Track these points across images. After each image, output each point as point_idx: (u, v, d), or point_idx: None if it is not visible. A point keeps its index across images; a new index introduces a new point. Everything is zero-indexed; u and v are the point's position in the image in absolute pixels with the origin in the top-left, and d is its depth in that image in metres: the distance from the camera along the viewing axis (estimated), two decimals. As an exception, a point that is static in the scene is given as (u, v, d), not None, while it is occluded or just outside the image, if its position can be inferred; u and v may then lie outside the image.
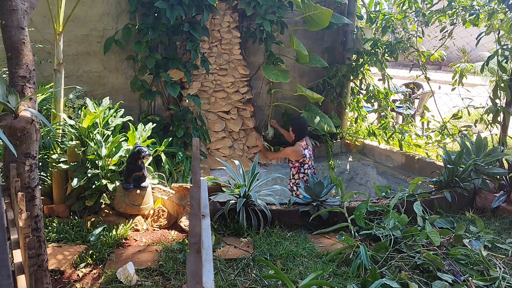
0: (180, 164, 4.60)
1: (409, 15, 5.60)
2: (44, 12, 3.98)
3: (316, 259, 2.98)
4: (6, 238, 1.08)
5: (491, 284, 2.62)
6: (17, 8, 2.06)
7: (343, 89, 5.84)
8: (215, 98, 5.28)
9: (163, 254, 3.01)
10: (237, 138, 5.38)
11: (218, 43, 5.16)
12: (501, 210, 3.74)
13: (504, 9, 4.47)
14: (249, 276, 2.76)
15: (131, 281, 2.65)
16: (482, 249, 2.89)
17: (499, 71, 4.21)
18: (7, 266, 1.06)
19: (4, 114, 1.99)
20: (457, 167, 3.89)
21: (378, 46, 5.55)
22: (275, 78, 5.01)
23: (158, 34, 4.54)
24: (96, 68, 4.77)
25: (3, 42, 2.09)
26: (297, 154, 4.45)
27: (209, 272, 0.90)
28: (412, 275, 2.68)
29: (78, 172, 3.50)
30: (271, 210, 3.49)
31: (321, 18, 4.97)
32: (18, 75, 2.08)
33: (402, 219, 3.26)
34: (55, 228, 3.30)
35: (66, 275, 2.78)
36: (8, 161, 2.05)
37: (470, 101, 4.91)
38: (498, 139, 4.38)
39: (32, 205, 2.09)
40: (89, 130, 3.61)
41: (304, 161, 4.49)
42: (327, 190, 3.64)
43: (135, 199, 3.53)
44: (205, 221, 1.13)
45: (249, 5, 4.81)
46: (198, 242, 0.80)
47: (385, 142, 5.78)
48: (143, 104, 5.04)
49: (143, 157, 3.47)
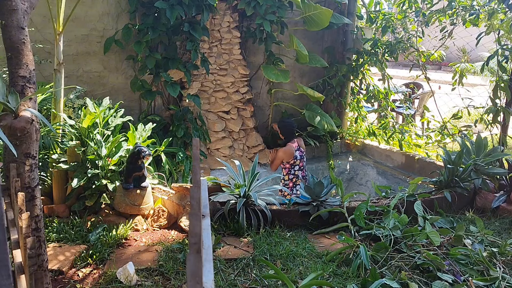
0: (180, 164, 4.60)
1: (409, 15, 5.60)
2: (44, 12, 3.98)
3: (316, 259, 2.98)
4: (6, 238, 1.08)
5: (491, 284, 2.62)
6: (17, 8, 2.06)
7: (343, 89, 5.84)
8: (215, 98, 5.28)
9: (163, 254, 3.01)
10: (237, 138, 5.38)
11: (218, 43, 5.16)
12: (501, 210, 3.74)
13: (504, 9, 4.47)
14: (249, 276, 2.76)
15: (131, 281, 2.65)
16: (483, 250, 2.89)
17: (499, 71, 4.21)
18: (7, 266, 1.06)
19: (4, 114, 1.99)
20: (457, 167, 3.89)
21: (378, 46, 5.55)
22: (275, 78, 5.01)
23: (158, 34, 4.54)
24: (96, 68, 4.77)
25: (3, 42, 2.09)
26: (289, 154, 4.43)
27: (209, 272, 0.90)
28: (412, 275, 2.68)
29: (78, 172, 3.50)
30: (271, 210, 3.49)
31: (321, 18, 4.98)
32: (18, 75, 2.08)
33: (402, 219, 3.26)
34: (55, 228, 3.30)
35: (66, 275, 2.78)
36: (8, 161, 2.04)
37: (470, 101, 4.91)
38: (498, 139, 4.38)
39: (32, 205, 2.09)
40: (89, 130, 3.61)
41: (295, 163, 4.47)
42: (327, 190, 3.64)
43: (135, 199, 3.53)
44: (205, 221, 1.13)
45: (249, 5, 4.81)
46: (198, 242, 0.80)
47: (385, 142, 5.78)
48: (143, 104, 5.04)
49: (143, 157, 3.47)
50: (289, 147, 4.44)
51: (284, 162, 4.51)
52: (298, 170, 4.50)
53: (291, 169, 4.49)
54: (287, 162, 4.48)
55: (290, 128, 4.53)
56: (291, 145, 4.45)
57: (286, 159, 4.46)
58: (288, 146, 4.46)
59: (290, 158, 4.44)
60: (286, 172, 4.53)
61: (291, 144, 4.46)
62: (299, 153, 4.48)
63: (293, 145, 4.45)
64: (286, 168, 4.52)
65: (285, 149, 4.46)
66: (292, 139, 4.50)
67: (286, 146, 4.48)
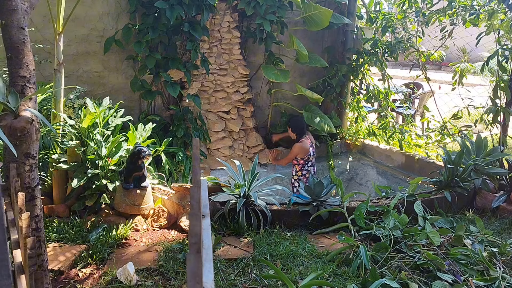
0: (180, 164, 4.60)
1: (409, 15, 5.60)
2: (44, 12, 3.98)
3: (316, 259, 2.98)
4: (6, 238, 1.08)
5: (491, 284, 2.62)
6: (17, 8, 2.06)
7: (343, 89, 5.84)
8: (215, 98, 5.28)
9: (163, 254, 3.01)
10: (237, 138, 5.38)
11: (218, 43, 5.16)
12: (501, 210, 3.74)
13: (504, 9, 4.47)
14: (249, 276, 2.76)
15: (131, 281, 2.65)
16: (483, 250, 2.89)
17: (499, 71, 4.21)
18: (7, 266, 1.06)
19: (4, 114, 1.99)
20: (457, 167, 3.89)
21: (378, 46, 5.55)
22: (275, 78, 5.01)
23: (158, 34, 4.54)
24: (96, 68, 4.77)
25: (3, 42, 2.09)
26: (305, 150, 4.49)
27: (209, 272, 0.90)
28: (412, 275, 2.68)
29: (78, 172, 3.51)
30: (271, 210, 3.49)
31: (321, 18, 4.97)
32: (18, 75, 2.08)
33: (402, 219, 3.26)
34: (55, 228, 3.30)
35: (66, 275, 2.78)
36: (8, 161, 2.04)
37: (470, 101, 4.91)
38: (498, 139, 4.38)
39: (32, 205, 2.09)
40: (89, 130, 3.61)
41: (309, 159, 4.53)
42: (327, 190, 3.64)
43: (135, 199, 3.53)
44: (205, 221, 1.13)
45: (249, 5, 4.81)
46: (198, 242, 0.80)
47: (385, 142, 5.78)
48: (143, 104, 5.04)
49: (143, 157, 3.47)
50: (305, 143, 4.49)
51: (298, 158, 4.54)
52: (311, 166, 4.55)
53: (305, 165, 4.54)
54: (302, 158, 4.51)
55: (301, 124, 4.60)
56: (306, 141, 4.49)
57: (301, 155, 4.50)
58: (303, 142, 4.51)
59: (305, 154, 4.49)
60: (299, 168, 4.57)
61: (305, 140, 4.50)
62: (312, 149, 4.54)
63: (307, 141, 4.49)
64: (300, 164, 4.56)
65: (301, 145, 4.50)
66: (304, 135, 4.55)
67: (300, 142, 4.52)
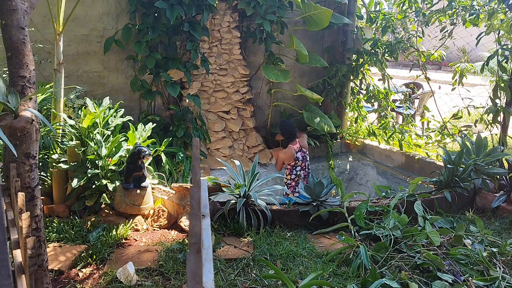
0: (180, 164, 4.60)
1: (409, 15, 5.60)
2: (44, 12, 3.98)
3: (316, 259, 2.98)
4: (6, 238, 1.08)
5: (491, 284, 2.62)
6: (17, 8, 2.06)
7: (343, 89, 5.84)
8: (215, 98, 5.28)
9: (163, 254, 3.01)
10: (237, 138, 5.38)
11: (218, 43, 5.16)
12: (501, 210, 3.74)
13: (504, 9, 4.47)
14: (249, 276, 2.76)
15: (131, 281, 2.65)
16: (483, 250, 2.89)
17: (499, 71, 4.21)
18: (7, 266, 1.06)
19: (4, 114, 1.99)
20: (457, 167, 3.89)
21: (378, 46, 5.55)
22: (275, 78, 5.01)
23: (158, 34, 4.54)
24: (96, 68, 4.77)
25: (3, 42, 2.09)
26: (289, 156, 4.41)
27: (209, 272, 0.90)
28: (412, 275, 2.68)
29: (78, 172, 3.50)
30: (271, 210, 3.49)
31: (321, 18, 4.97)
32: (18, 75, 2.08)
33: (402, 219, 3.26)
34: (55, 228, 3.30)
35: (66, 275, 2.78)
36: (8, 161, 2.04)
37: (470, 101, 4.91)
38: (498, 139, 4.38)
39: (32, 205, 2.09)
40: (89, 130, 3.61)
41: (296, 164, 4.45)
42: (327, 190, 3.64)
43: (135, 199, 3.53)
44: (205, 221, 1.13)
45: (249, 5, 4.81)
46: (198, 242, 0.80)
47: (385, 142, 5.78)
48: (143, 104, 5.04)
49: (143, 157, 3.47)
50: (289, 149, 4.42)
51: (285, 163, 4.50)
52: (301, 170, 4.50)
53: (292, 169, 4.48)
54: (288, 164, 4.47)
55: (290, 129, 4.50)
56: (292, 147, 4.42)
57: (287, 161, 4.44)
58: (288, 148, 4.43)
59: (291, 160, 4.42)
60: (288, 172, 4.52)
61: (292, 146, 4.43)
62: (300, 154, 4.45)
63: (294, 146, 4.42)
64: (288, 169, 4.52)
65: (285, 151, 4.44)
66: (293, 139, 4.47)
67: (287, 147, 4.46)
